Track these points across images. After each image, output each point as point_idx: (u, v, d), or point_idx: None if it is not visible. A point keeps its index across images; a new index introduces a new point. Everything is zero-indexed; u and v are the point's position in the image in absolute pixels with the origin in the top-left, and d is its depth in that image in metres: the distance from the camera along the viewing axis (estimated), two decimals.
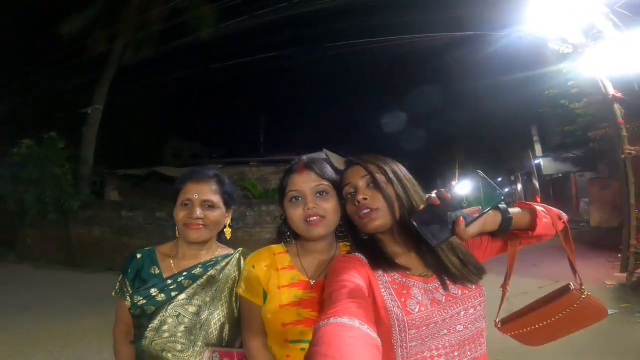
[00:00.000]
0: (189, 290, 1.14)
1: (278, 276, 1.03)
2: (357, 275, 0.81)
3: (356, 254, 0.92)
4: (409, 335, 0.78)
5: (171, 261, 1.19)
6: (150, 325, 1.10)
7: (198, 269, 1.18)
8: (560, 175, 13.67)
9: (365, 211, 0.89)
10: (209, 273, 1.17)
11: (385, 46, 8.72)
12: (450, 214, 0.74)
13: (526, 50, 6.34)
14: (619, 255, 5.39)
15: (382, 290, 0.83)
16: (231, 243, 1.30)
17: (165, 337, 1.09)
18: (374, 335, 0.58)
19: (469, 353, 0.83)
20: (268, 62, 10.69)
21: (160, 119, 14.97)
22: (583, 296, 0.89)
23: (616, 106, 4.75)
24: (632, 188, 4.96)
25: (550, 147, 12.83)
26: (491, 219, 0.77)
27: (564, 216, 0.97)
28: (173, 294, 1.13)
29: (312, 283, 1.02)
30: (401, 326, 0.78)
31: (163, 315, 1.10)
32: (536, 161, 14.34)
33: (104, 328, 3.77)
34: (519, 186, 18.83)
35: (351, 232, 1.00)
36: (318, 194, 1.03)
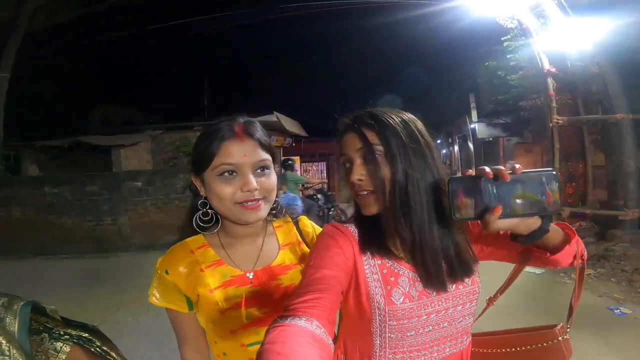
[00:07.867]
0: None
1: (205, 277, 0.82)
2: (339, 259, 0.73)
3: (349, 226, 0.80)
4: (389, 326, 0.74)
5: None
6: None
7: None
8: (491, 139, 15.10)
9: (363, 193, 0.75)
10: None
11: (338, 10, 8.42)
12: (492, 195, 0.61)
13: (471, 23, 6.58)
14: None
15: (368, 274, 0.76)
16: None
17: None
18: (329, 342, 0.56)
19: (447, 350, 0.78)
20: (213, 23, 9.70)
21: (86, 84, 13.07)
22: (560, 338, 0.84)
23: (549, 80, 5.26)
24: (556, 154, 5.67)
25: (485, 113, 14.00)
26: (528, 223, 0.65)
27: (585, 254, 0.84)
28: None
29: (250, 277, 0.85)
30: (382, 316, 0.74)
31: None
32: (472, 126, 15.60)
33: None
34: (456, 148, 20.46)
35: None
36: (259, 170, 0.82)
